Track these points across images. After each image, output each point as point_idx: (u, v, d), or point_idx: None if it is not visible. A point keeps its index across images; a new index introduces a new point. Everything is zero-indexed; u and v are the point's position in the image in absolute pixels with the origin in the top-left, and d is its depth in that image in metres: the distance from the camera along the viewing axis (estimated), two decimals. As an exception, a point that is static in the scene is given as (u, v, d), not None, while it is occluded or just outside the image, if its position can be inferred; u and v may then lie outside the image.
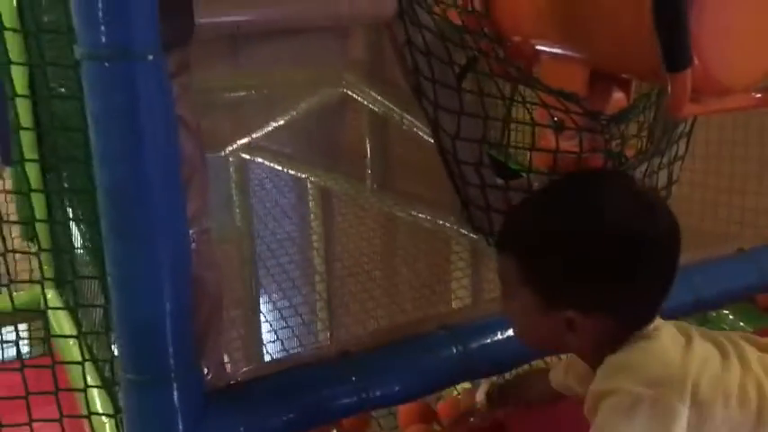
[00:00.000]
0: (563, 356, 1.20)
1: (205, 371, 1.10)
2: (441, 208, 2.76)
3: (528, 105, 1.24)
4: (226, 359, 1.23)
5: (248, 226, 3.40)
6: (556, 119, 1.25)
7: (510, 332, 1.29)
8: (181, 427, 1.05)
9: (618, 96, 1.27)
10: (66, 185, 1.58)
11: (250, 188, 3.48)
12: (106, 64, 0.92)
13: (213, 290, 1.09)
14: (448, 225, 2.71)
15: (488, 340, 1.28)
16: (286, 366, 1.19)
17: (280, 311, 2.35)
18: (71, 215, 1.51)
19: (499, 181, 1.29)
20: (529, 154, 1.25)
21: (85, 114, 0.96)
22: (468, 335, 1.27)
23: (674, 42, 0.90)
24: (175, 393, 1.03)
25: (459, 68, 1.18)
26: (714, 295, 1.47)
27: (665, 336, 0.89)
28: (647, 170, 1.36)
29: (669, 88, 0.98)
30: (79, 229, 1.41)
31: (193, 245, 1.04)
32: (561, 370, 1.15)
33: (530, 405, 1.29)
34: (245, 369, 1.15)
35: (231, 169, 3.61)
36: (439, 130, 1.21)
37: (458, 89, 1.19)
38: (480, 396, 1.35)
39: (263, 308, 2.79)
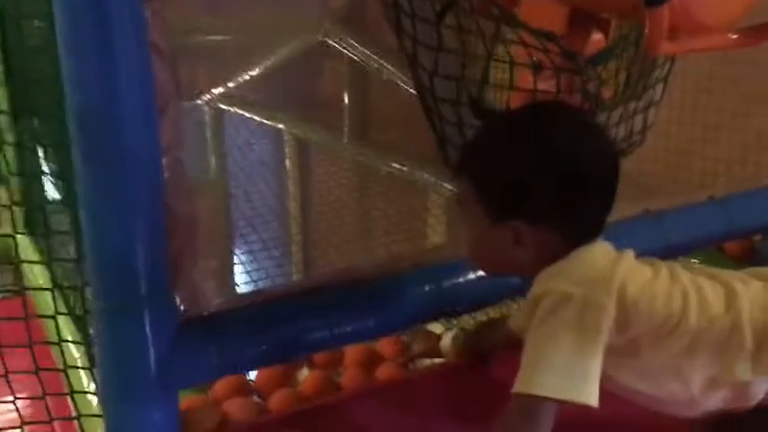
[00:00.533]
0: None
1: (178, 301, 1.10)
2: (418, 159, 2.76)
3: (507, 44, 1.23)
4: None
5: (223, 174, 3.37)
6: (534, 59, 1.24)
7: (482, 272, 1.31)
8: (152, 354, 1.05)
9: (596, 37, 1.27)
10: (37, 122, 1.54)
11: (226, 137, 3.45)
12: (77, -15, 0.90)
13: (186, 220, 1.08)
14: (425, 176, 2.71)
15: (461, 279, 1.30)
16: (260, 299, 1.19)
17: (254, 255, 2.35)
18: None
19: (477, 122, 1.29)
20: (507, 93, 1.24)
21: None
22: (441, 273, 1.29)
23: (654, -24, 0.90)
24: (147, 320, 1.03)
25: (438, 4, 1.16)
26: (684, 241, 1.49)
27: (598, 249, 0.96)
28: (622, 114, 1.37)
29: (647, 25, 0.98)
30: (47, 158, 1.39)
31: (166, 174, 1.03)
32: (520, 313, 1.18)
33: (494, 351, 1.32)
34: (218, 301, 1.15)
35: (207, 118, 3.56)
36: (417, 66, 1.20)
37: (436, 24, 1.17)
38: (446, 343, 1.37)
39: (237, 252, 2.79)
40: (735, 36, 1.08)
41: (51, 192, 1.40)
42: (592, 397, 0.87)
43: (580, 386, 0.87)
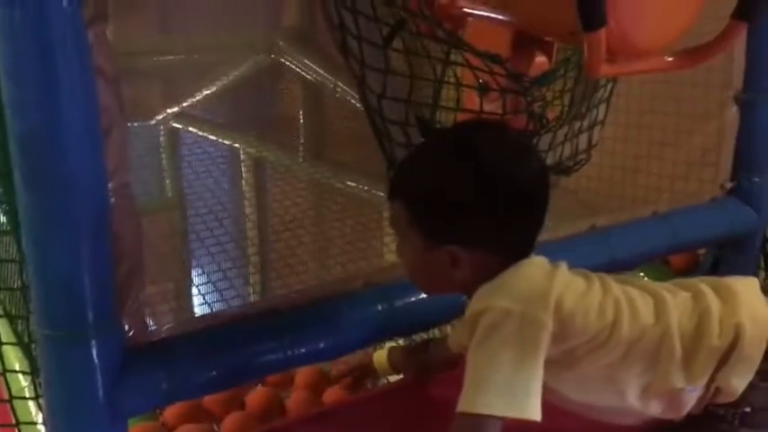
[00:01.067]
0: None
1: (126, 328, 1.09)
2: (373, 177, 2.77)
3: (454, 67, 1.25)
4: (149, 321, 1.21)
5: (179, 196, 3.33)
6: (481, 80, 1.27)
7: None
8: (100, 383, 1.04)
9: (540, 60, 1.30)
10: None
11: (181, 157, 3.41)
12: (18, 10, 0.89)
13: (133, 246, 1.07)
14: (380, 194, 2.72)
15: (413, 298, 1.30)
16: (211, 323, 1.18)
17: (211, 281, 2.32)
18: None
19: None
20: (454, 115, 1.27)
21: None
22: (394, 292, 1.29)
23: (589, 1, 0.93)
24: (94, 349, 1.02)
25: (385, 26, 1.18)
26: (629, 256, 1.53)
27: (534, 263, 0.98)
28: (567, 133, 1.40)
29: (586, 48, 1.01)
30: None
31: (112, 199, 1.02)
32: (457, 329, 1.20)
33: (433, 371, 1.33)
34: (168, 326, 1.14)
35: (161, 138, 3.53)
36: (365, 89, 1.22)
37: (384, 47, 1.19)
38: (381, 358, 1.37)
39: (193, 275, 2.75)
40: (671, 59, 1.12)
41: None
42: (534, 412, 0.89)
43: (523, 402, 0.89)
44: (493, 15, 1.23)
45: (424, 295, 1.31)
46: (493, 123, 1.16)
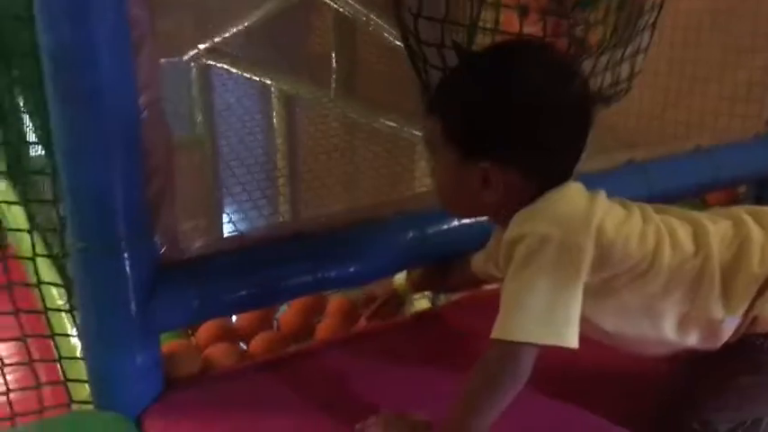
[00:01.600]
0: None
1: (159, 244, 1.09)
2: (405, 114, 2.73)
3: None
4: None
5: (211, 131, 3.34)
6: (521, 1, 1.22)
7: (465, 219, 1.31)
8: (132, 297, 1.05)
9: (585, -20, 1.25)
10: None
11: (213, 93, 3.40)
12: None
13: (164, 161, 1.06)
14: (413, 132, 2.69)
15: (445, 226, 1.29)
16: (242, 243, 1.18)
17: (242, 212, 2.33)
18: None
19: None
20: (492, 37, 1.22)
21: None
22: (424, 220, 1.28)
23: None
24: (127, 262, 1.03)
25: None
26: (669, 190, 1.49)
27: (572, 189, 0.94)
28: (609, 60, 1.35)
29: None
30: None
31: (144, 113, 1.01)
32: (482, 256, 1.19)
33: (452, 290, 1.32)
34: (199, 244, 1.14)
35: (193, 75, 3.51)
36: (401, 8, 1.18)
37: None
38: (401, 281, 1.35)
39: (225, 209, 2.77)
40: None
41: (29, 134, 1.37)
42: (572, 340, 0.87)
43: (561, 330, 0.87)
44: (536, -68, 1.18)
45: (455, 223, 1.29)
46: (538, 43, 1.11)
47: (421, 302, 1.88)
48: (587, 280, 0.90)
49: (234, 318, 1.53)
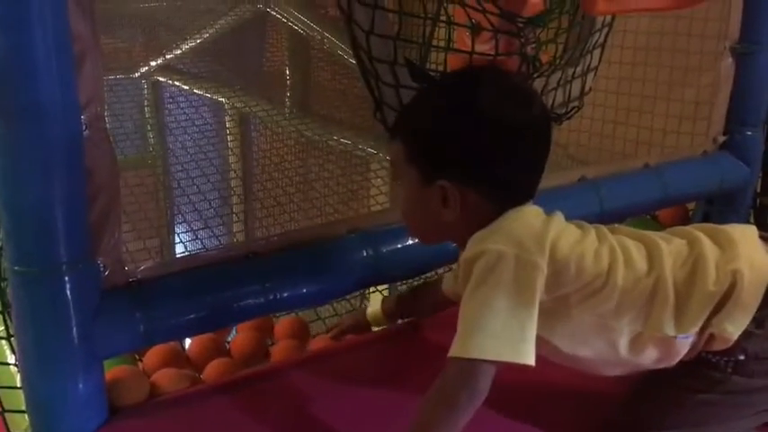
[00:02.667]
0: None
1: (102, 267, 1.05)
2: (359, 132, 2.73)
3: (445, 5, 1.21)
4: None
5: (163, 149, 3.28)
6: (473, 20, 1.23)
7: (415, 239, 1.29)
8: (74, 322, 1.00)
9: (535, 0, 1.26)
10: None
11: (165, 112, 3.35)
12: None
13: (109, 182, 1.03)
14: (366, 149, 2.68)
15: (398, 245, 1.28)
16: (190, 264, 1.15)
17: (194, 232, 2.29)
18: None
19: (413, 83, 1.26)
20: (444, 55, 1.22)
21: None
22: (379, 238, 1.26)
23: (590, -70, 0.89)
24: (68, 286, 0.98)
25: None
26: (619, 207, 1.51)
27: (528, 210, 0.96)
28: (560, 79, 1.37)
29: (584, -19, 0.97)
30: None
31: (86, 131, 0.98)
32: (451, 277, 1.20)
33: (425, 315, 1.31)
34: (144, 267, 1.10)
35: (145, 92, 3.45)
36: (353, 25, 1.17)
37: (373, -18, 1.15)
38: (374, 309, 1.33)
39: (177, 229, 2.72)
40: (670, -3, 1.08)
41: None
42: (529, 356, 0.87)
43: (518, 346, 0.86)
44: (487, -48, 1.18)
45: (409, 242, 1.28)
46: (501, 69, 1.13)
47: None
48: (542, 300, 0.90)
49: (187, 342, 1.49)
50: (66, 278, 0.98)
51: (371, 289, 1.75)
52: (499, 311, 0.87)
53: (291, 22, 3.16)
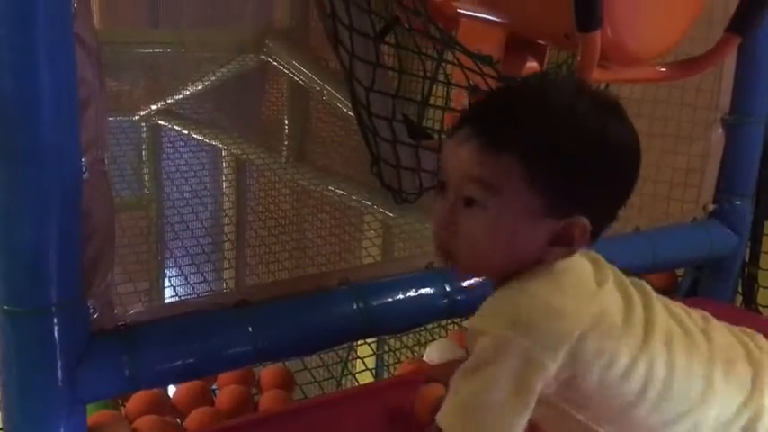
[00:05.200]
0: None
1: (91, 310, 1.05)
2: (355, 182, 2.75)
3: (444, 65, 1.24)
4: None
5: (159, 192, 3.29)
6: (471, 81, 1.26)
7: (411, 292, 1.30)
8: (60, 364, 1.00)
9: (532, 65, 1.29)
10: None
11: (162, 154, 3.37)
12: (1, -31, 0.86)
13: (104, 225, 1.03)
14: (361, 199, 2.70)
15: (389, 299, 1.28)
16: (179, 311, 1.15)
17: (185, 276, 2.28)
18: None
19: (410, 140, 1.29)
20: (442, 113, 1.25)
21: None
22: (370, 291, 1.26)
23: (587, 2, 0.92)
24: (56, 327, 0.98)
25: (377, 18, 1.16)
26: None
27: (576, 270, 0.83)
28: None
29: (580, 49, 1.00)
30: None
31: (85, 174, 0.99)
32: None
33: None
34: (134, 311, 1.10)
35: (144, 134, 3.49)
36: (353, 81, 1.20)
37: (376, 41, 1.18)
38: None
39: (168, 272, 2.71)
40: (663, 69, 1.12)
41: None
42: None
43: None
44: (486, 16, 1.22)
45: (400, 297, 1.28)
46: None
47: (365, 376, 1.85)
48: (559, 392, 0.80)
49: (171, 389, 1.47)
50: (55, 320, 0.98)
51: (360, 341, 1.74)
52: (491, 407, 0.77)
53: (292, 73, 3.21)
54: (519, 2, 1.13)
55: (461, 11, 1.27)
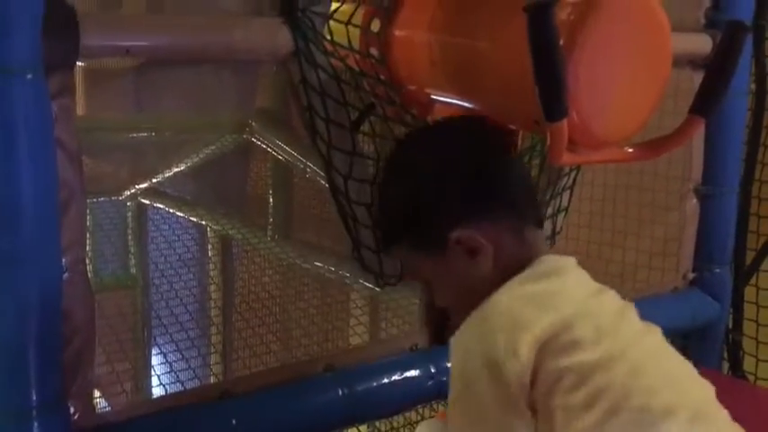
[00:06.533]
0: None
1: (72, 410, 1.04)
2: (340, 258, 2.76)
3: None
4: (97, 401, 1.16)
5: (143, 274, 3.28)
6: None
7: (396, 376, 1.30)
8: (40, 470, 0.98)
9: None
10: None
11: (148, 234, 3.38)
12: (-19, 79, 0.89)
13: (84, 324, 1.03)
14: (347, 275, 2.70)
15: (374, 383, 1.27)
16: (162, 406, 1.13)
17: (171, 365, 2.25)
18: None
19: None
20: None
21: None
22: (354, 377, 1.26)
23: (552, 94, 0.95)
24: (37, 430, 0.96)
25: (353, 109, 1.19)
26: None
27: (570, 284, 0.88)
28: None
29: (548, 137, 1.03)
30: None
31: (66, 274, 0.99)
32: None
33: None
34: (115, 409, 1.09)
35: (129, 214, 3.50)
36: (331, 170, 1.22)
37: (352, 131, 1.21)
38: None
39: (154, 361, 2.67)
40: (630, 150, 1.15)
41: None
42: None
43: None
44: (459, 102, 1.26)
45: (385, 381, 1.28)
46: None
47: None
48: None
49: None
50: (36, 423, 0.96)
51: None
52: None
53: (275, 151, 3.25)
54: (489, 91, 1.16)
55: (435, 97, 1.30)
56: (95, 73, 2.89)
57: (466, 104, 1.26)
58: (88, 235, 1.06)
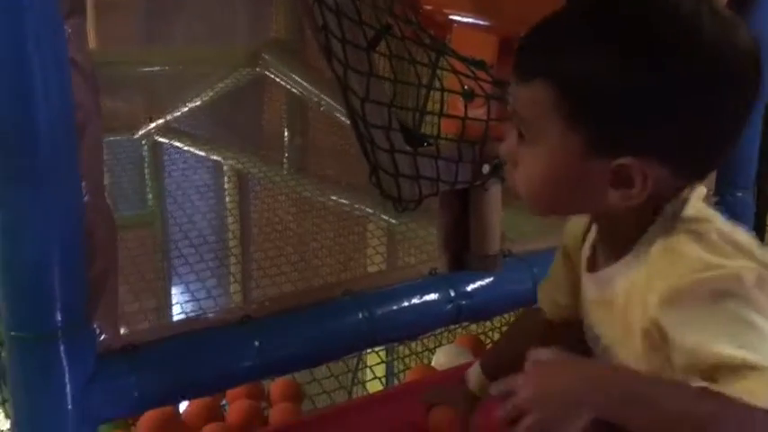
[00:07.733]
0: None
1: (98, 331, 1.06)
2: (357, 191, 2.76)
3: (438, 72, 1.24)
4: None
5: (161, 210, 3.31)
6: (465, 86, 1.26)
7: (416, 299, 1.30)
8: (68, 388, 1.00)
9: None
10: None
11: (164, 171, 3.39)
12: (-7, -1, 0.87)
13: (107, 246, 1.04)
14: (363, 207, 2.71)
15: (394, 307, 1.28)
16: (184, 329, 1.15)
17: (191, 292, 2.29)
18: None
19: (408, 148, 1.29)
20: (438, 120, 1.25)
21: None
22: (374, 301, 1.27)
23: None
24: (63, 352, 0.98)
25: (369, 29, 1.16)
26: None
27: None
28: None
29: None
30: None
31: (86, 197, 1.00)
32: (548, 286, 0.97)
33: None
34: (140, 330, 1.11)
35: (144, 152, 3.50)
36: (348, 92, 1.20)
37: (368, 51, 1.18)
38: (477, 379, 1.09)
39: (174, 288, 2.72)
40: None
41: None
42: None
43: None
44: (478, 21, 1.22)
45: (405, 304, 1.29)
46: None
47: (374, 384, 1.85)
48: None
49: (182, 406, 1.48)
50: (62, 344, 0.98)
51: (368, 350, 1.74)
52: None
53: (289, 84, 3.22)
54: (511, 4, 1.13)
55: (453, 17, 1.27)
56: (104, 3, 2.84)
57: (486, 22, 1.23)
58: (105, 172, 1.05)
